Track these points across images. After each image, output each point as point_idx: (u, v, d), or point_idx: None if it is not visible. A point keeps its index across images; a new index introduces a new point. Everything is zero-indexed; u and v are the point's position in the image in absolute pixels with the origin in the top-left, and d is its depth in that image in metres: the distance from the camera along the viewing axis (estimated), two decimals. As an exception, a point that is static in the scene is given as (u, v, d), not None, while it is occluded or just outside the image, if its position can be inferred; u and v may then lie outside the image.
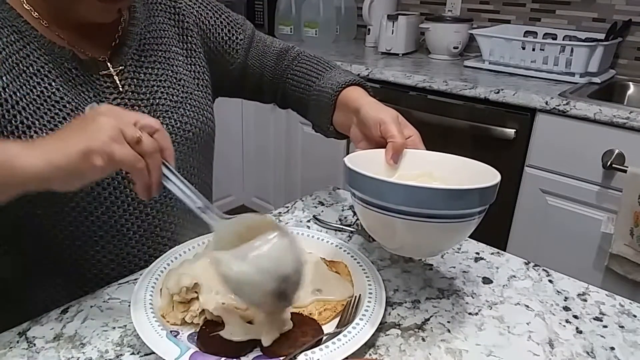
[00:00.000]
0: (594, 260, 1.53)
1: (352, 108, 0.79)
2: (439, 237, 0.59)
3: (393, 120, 0.72)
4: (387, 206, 0.56)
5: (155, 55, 0.80)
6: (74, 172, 0.52)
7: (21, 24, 0.68)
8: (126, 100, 0.75)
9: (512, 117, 1.58)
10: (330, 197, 0.95)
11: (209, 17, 0.89)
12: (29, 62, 0.67)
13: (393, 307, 0.65)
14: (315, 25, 2.36)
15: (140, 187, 0.55)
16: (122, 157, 0.52)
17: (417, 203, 0.55)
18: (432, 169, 0.70)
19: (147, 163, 0.54)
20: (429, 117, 1.73)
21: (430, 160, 0.70)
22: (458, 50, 2.06)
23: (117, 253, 0.75)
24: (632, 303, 0.67)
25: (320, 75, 0.89)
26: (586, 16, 1.92)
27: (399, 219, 0.56)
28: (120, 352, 0.56)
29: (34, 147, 0.53)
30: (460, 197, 0.55)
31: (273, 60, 0.93)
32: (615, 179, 1.44)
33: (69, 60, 0.70)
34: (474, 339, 0.60)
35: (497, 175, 0.60)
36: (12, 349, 0.56)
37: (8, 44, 0.66)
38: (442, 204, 0.55)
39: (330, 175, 2.14)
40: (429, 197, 0.55)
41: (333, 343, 0.54)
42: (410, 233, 0.58)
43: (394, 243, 0.64)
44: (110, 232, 0.73)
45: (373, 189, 0.57)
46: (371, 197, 0.57)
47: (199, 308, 0.59)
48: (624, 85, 1.79)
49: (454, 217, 0.56)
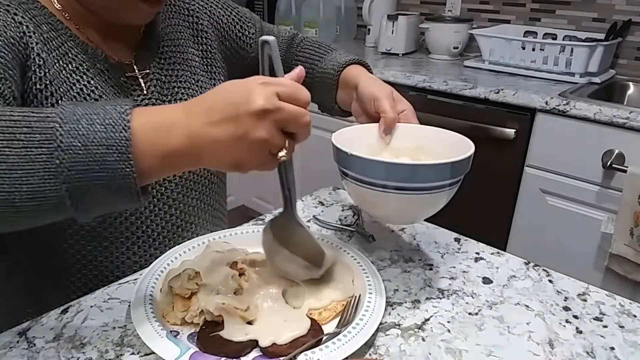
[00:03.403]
0: (594, 260, 1.53)
1: (352, 84, 0.82)
2: (413, 207, 0.64)
3: (386, 96, 0.75)
4: (365, 179, 0.62)
5: (174, 57, 0.81)
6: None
7: (56, 22, 0.68)
8: (152, 101, 0.76)
9: (512, 117, 1.58)
10: (330, 197, 0.95)
11: (222, 15, 0.89)
12: (68, 59, 0.67)
13: (393, 307, 0.65)
14: (315, 25, 2.36)
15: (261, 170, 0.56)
16: (266, 170, 0.54)
17: (387, 176, 0.60)
18: (422, 142, 0.74)
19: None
20: (429, 117, 1.71)
21: (420, 135, 0.74)
22: (458, 50, 2.06)
23: (141, 254, 0.75)
24: (632, 303, 0.67)
25: (322, 57, 0.91)
26: (586, 16, 1.92)
27: (375, 190, 0.61)
28: (120, 352, 0.56)
29: (190, 131, 0.50)
30: (430, 171, 0.60)
31: (284, 49, 0.96)
32: (615, 179, 1.44)
33: (101, 62, 0.71)
34: (474, 339, 0.60)
35: (470, 148, 0.65)
36: (12, 349, 0.56)
37: (48, 39, 0.66)
38: (412, 177, 0.60)
39: (330, 176, 2.14)
40: (397, 171, 0.60)
41: (333, 343, 0.54)
42: (387, 203, 0.63)
43: (377, 212, 0.70)
44: (137, 233, 0.74)
45: (351, 164, 0.63)
46: (351, 171, 0.63)
47: (199, 308, 0.59)
48: (624, 85, 1.79)
49: (426, 190, 0.61)
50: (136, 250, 0.75)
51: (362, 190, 0.62)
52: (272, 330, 0.57)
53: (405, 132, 0.75)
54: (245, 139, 0.50)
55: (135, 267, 0.75)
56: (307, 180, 2.29)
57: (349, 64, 0.86)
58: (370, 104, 0.76)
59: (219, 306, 0.58)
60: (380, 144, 0.74)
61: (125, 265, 0.75)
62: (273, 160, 0.53)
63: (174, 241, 0.78)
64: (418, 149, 0.74)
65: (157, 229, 0.76)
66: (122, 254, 0.74)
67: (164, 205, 0.76)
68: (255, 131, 0.49)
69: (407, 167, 0.60)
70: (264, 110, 0.49)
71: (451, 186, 0.62)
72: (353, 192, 0.67)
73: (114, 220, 0.72)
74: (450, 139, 0.71)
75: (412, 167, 0.60)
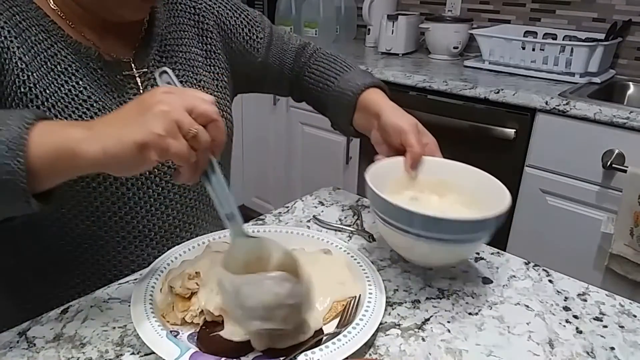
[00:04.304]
0: (594, 260, 1.53)
1: (373, 112, 0.82)
2: (446, 255, 0.66)
3: (412, 130, 0.76)
4: (399, 226, 0.63)
5: (176, 56, 0.81)
6: (129, 162, 0.51)
7: (48, 23, 0.68)
8: None
9: (512, 117, 1.58)
10: (330, 197, 0.95)
11: (229, 17, 0.88)
12: (56, 60, 0.68)
13: (393, 307, 0.65)
14: (315, 25, 2.36)
15: (183, 178, 0.55)
16: (177, 152, 0.51)
17: (428, 228, 0.62)
18: (448, 177, 0.75)
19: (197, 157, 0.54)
20: (429, 117, 1.73)
21: (447, 169, 0.76)
22: (458, 50, 2.06)
23: (138, 254, 0.75)
24: (632, 303, 0.67)
25: (339, 75, 0.90)
26: (586, 16, 1.92)
27: (413, 239, 0.63)
28: (120, 352, 0.56)
29: (94, 131, 0.52)
30: (470, 227, 0.62)
31: (292, 57, 0.95)
32: (615, 179, 1.44)
33: (94, 61, 0.71)
34: (474, 339, 0.60)
35: (506, 198, 0.66)
36: (12, 349, 0.56)
37: (36, 42, 0.67)
38: (452, 231, 0.62)
39: (330, 175, 2.14)
40: (441, 225, 0.61)
41: (333, 343, 0.54)
42: (421, 250, 0.66)
43: (407, 255, 0.71)
44: (133, 232, 0.74)
45: (390, 212, 0.64)
46: (385, 215, 0.65)
47: (199, 308, 0.59)
48: (624, 85, 1.79)
49: (462, 241, 0.63)
50: (133, 250, 0.75)
51: (400, 237, 0.64)
52: (264, 335, 0.57)
53: (431, 166, 0.76)
54: (148, 111, 0.51)
55: (133, 266, 0.75)
56: (307, 180, 2.29)
57: (368, 86, 0.85)
58: (396, 137, 0.77)
59: (218, 306, 0.58)
60: (405, 178, 0.76)
61: (122, 264, 0.75)
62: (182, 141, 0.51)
63: (173, 241, 0.78)
64: (443, 183, 0.76)
65: (154, 229, 0.76)
66: (118, 253, 0.74)
67: (160, 206, 0.76)
68: (159, 105, 0.51)
69: (450, 222, 0.62)
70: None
71: (486, 237, 0.64)
72: (384, 232, 0.68)
73: (108, 219, 0.71)
74: (475, 175, 0.73)
75: (452, 223, 0.62)
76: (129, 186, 0.71)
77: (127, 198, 0.72)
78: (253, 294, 0.53)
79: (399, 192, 0.75)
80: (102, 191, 0.69)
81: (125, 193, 0.71)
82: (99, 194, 0.69)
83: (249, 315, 0.53)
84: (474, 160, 0.72)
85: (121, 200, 0.71)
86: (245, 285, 0.53)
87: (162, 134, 0.50)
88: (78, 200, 0.69)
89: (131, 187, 0.71)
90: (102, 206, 0.70)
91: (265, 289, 0.53)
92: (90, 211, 0.70)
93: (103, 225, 0.72)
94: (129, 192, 0.71)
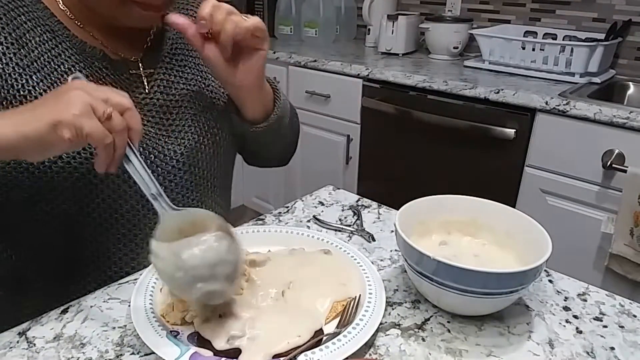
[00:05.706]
0: (594, 260, 1.53)
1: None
2: (481, 306, 0.61)
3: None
4: (431, 277, 0.59)
5: (186, 59, 0.82)
6: (43, 142, 0.52)
7: (54, 24, 0.69)
8: (154, 101, 0.76)
9: (512, 117, 1.59)
10: (330, 197, 0.95)
11: None
12: (59, 61, 0.68)
13: (393, 307, 0.65)
14: (315, 25, 2.36)
15: (102, 163, 0.55)
16: (91, 131, 0.52)
17: (462, 281, 0.57)
18: (477, 215, 0.72)
19: (113, 140, 0.54)
20: (429, 117, 1.73)
21: (475, 207, 0.72)
22: (458, 50, 2.06)
23: (138, 252, 0.75)
24: (632, 303, 0.67)
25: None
26: (586, 16, 1.92)
27: (444, 290, 0.59)
28: (120, 352, 0.56)
29: (6, 116, 0.53)
30: (508, 279, 0.57)
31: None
32: (615, 179, 1.44)
33: (99, 60, 0.71)
34: (474, 339, 0.60)
35: (545, 240, 0.64)
36: (12, 349, 0.56)
37: (40, 43, 0.67)
38: (488, 285, 0.57)
39: (330, 175, 2.14)
40: (476, 279, 0.57)
41: (333, 343, 0.54)
42: (452, 300, 0.61)
43: (438, 303, 0.65)
44: (133, 230, 0.74)
45: (424, 262, 0.59)
46: (417, 265, 0.61)
47: (199, 308, 0.59)
48: (624, 85, 1.79)
49: (499, 294, 0.59)
50: (133, 248, 0.75)
51: (433, 288, 0.60)
52: (271, 334, 0.57)
53: (459, 202, 0.73)
54: (63, 95, 0.52)
55: (133, 264, 0.75)
56: (307, 180, 2.29)
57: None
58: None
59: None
60: (434, 214, 0.71)
61: (122, 261, 0.75)
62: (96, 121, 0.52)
63: None
64: (473, 223, 0.72)
65: (155, 227, 0.75)
66: (119, 250, 0.74)
67: None
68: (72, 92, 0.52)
69: (490, 275, 0.57)
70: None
71: (522, 290, 0.60)
72: (415, 280, 0.64)
73: (109, 217, 0.71)
74: (505, 212, 0.71)
75: (491, 275, 0.57)
76: (130, 184, 0.71)
77: (128, 195, 0.72)
78: (194, 253, 0.54)
79: (428, 234, 0.72)
80: (104, 188, 0.70)
81: (127, 190, 0.71)
82: (100, 192, 0.70)
83: (192, 277, 0.54)
84: (474, 160, 0.71)
85: (122, 197, 0.71)
86: (185, 248, 0.54)
87: (76, 113, 0.51)
88: (79, 197, 0.69)
89: (133, 184, 0.71)
90: (104, 203, 0.70)
91: (206, 245, 0.55)
92: (92, 208, 0.70)
93: (104, 222, 0.72)
94: (130, 190, 0.71)
